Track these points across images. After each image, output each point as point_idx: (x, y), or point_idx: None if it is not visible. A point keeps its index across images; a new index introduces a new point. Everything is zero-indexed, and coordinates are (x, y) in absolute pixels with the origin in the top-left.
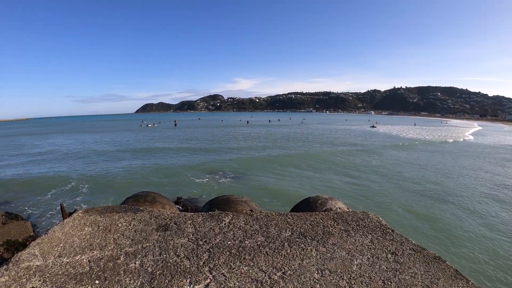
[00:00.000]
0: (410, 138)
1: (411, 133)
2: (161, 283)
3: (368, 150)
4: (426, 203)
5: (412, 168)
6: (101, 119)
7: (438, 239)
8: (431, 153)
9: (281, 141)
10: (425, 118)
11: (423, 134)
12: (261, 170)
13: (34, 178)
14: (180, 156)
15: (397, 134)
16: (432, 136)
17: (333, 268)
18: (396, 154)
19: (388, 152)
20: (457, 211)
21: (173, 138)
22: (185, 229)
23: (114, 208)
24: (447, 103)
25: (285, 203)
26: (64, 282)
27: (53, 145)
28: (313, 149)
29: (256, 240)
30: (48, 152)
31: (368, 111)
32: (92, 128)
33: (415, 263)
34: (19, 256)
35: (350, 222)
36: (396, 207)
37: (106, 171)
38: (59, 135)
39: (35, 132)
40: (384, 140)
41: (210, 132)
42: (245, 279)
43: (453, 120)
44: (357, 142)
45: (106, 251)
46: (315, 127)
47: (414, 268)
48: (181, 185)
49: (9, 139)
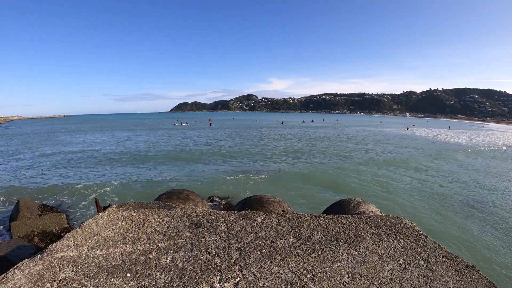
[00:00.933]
0: (452, 143)
1: (449, 137)
2: (191, 279)
3: (402, 155)
4: (465, 210)
5: (452, 176)
6: (136, 117)
7: (472, 248)
8: (484, 160)
9: (315, 141)
10: (462, 121)
11: (460, 138)
12: (295, 170)
13: (71, 173)
14: (213, 155)
15: (434, 138)
16: (471, 140)
17: (364, 272)
18: (439, 163)
19: (432, 160)
20: (499, 221)
21: (207, 137)
22: (217, 227)
23: (148, 204)
24: (485, 106)
25: (318, 204)
26: (96, 274)
27: (89, 142)
28: (346, 151)
29: (287, 240)
30: (84, 148)
31: (403, 113)
32: (127, 126)
33: (447, 271)
34: (53, 246)
35: (383, 227)
36: (430, 213)
37: (139, 168)
38: (95, 132)
39: (73, 130)
40: (421, 145)
41: (244, 132)
42: (275, 279)
43: (491, 124)
44: (389, 142)
45: (138, 246)
46: (349, 129)
47: (446, 277)
48: (214, 183)
49: (51, 134)
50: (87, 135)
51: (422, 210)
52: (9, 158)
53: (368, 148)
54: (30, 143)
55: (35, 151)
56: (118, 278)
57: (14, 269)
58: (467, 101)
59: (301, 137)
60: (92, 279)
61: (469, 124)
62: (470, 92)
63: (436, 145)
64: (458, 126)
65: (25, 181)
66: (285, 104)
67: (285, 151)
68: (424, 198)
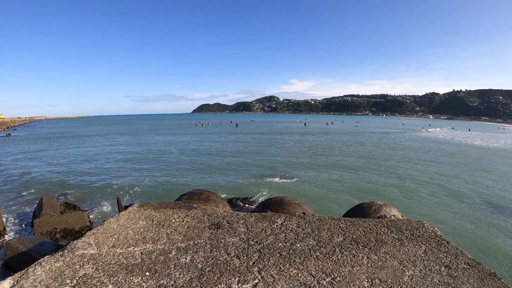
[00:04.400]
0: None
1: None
2: (210, 279)
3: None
4: (490, 217)
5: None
6: (158, 117)
7: (495, 255)
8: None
9: (336, 144)
10: (485, 123)
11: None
12: (316, 172)
13: (93, 172)
14: (235, 157)
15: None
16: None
17: (383, 277)
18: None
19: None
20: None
21: (228, 138)
22: (237, 229)
23: (169, 204)
24: (510, 108)
25: (339, 207)
26: (116, 272)
27: (112, 142)
28: (368, 154)
29: (307, 243)
30: (106, 148)
31: (426, 115)
32: (150, 126)
33: (469, 278)
34: (74, 244)
35: (404, 231)
36: (454, 218)
37: (161, 168)
38: (119, 134)
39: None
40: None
41: (266, 134)
42: (294, 282)
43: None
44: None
45: (158, 245)
46: (369, 130)
47: (468, 284)
48: (235, 185)
49: (75, 135)
50: (110, 135)
51: (445, 214)
52: (32, 157)
53: (392, 153)
54: (53, 143)
55: (57, 151)
56: (137, 277)
57: (35, 265)
58: (491, 102)
59: (323, 140)
60: (111, 277)
61: (488, 126)
62: (494, 93)
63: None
64: (479, 129)
65: (48, 180)
66: (307, 105)
67: (306, 153)
68: (448, 202)
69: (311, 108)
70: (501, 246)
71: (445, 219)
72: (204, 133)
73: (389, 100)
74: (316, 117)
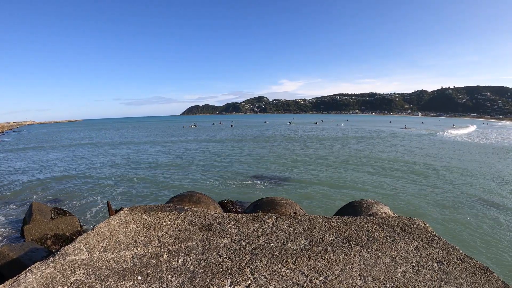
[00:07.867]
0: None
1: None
2: (202, 282)
3: None
4: (480, 210)
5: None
6: (147, 120)
7: (487, 249)
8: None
9: (326, 141)
10: (473, 119)
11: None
12: (306, 171)
13: (83, 176)
14: (225, 157)
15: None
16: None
17: (376, 275)
18: None
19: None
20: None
21: (218, 139)
22: (229, 230)
23: (159, 207)
24: (497, 104)
25: (330, 206)
26: (107, 276)
27: (101, 146)
28: (356, 151)
29: (299, 243)
30: (95, 153)
31: (415, 112)
32: (140, 129)
33: (461, 273)
34: (65, 249)
35: (396, 228)
36: (444, 214)
37: (152, 171)
38: (108, 138)
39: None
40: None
41: (253, 134)
42: (286, 282)
43: (503, 122)
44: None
45: (149, 248)
46: (356, 127)
47: (460, 279)
48: (226, 185)
49: (63, 139)
50: (98, 140)
51: (436, 210)
52: (20, 162)
53: (378, 149)
54: (41, 148)
55: (46, 156)
56: (129, 281)
57: (26, 272)
58: (479, 99)
59: (310, 139)
60: (103, 282)
61: (475, 122)
62: (482, 89)
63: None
64: (463, 124)
65: (37, 185)
66: (296, 105)
67: (294, 152)
68: (438, 198)
69: (300, 108)
70: (492, 240)
71: (436, 215)
72: (194, 134)
73: (378, 99)
74: (305, 117)
